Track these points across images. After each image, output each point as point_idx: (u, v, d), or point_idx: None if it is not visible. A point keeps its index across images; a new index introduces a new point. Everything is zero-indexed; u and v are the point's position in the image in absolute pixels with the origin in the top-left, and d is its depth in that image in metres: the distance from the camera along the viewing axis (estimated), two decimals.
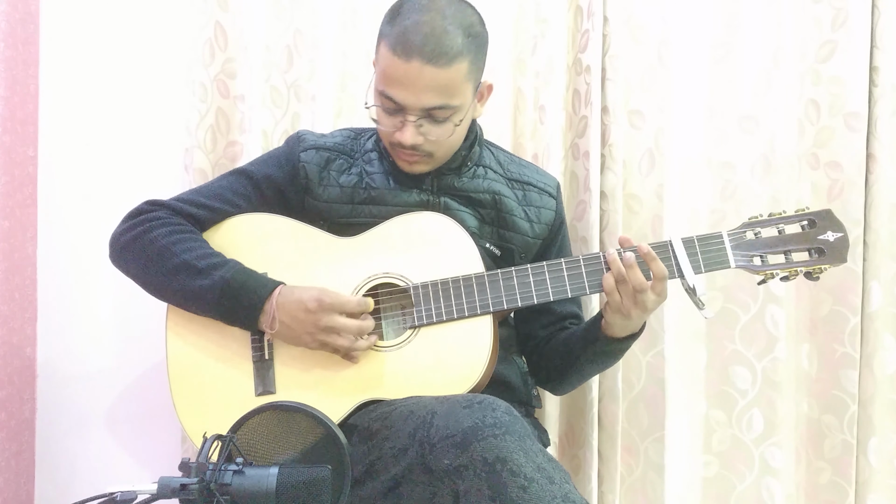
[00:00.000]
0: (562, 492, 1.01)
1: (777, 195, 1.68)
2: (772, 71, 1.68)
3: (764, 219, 1.27)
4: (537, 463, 1.02)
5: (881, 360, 1.65)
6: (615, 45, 1.65)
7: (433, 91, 1.22)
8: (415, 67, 1.19)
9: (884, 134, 1.64)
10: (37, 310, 1.72)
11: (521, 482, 0.99)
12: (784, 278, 1.25)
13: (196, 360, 1.29)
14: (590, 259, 1.26)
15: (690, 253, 1.25)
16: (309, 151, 1.35)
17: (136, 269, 1.30)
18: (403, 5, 1.23)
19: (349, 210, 1.33)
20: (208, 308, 1.25)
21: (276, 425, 0.95)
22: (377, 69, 1.26)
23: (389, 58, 1.21)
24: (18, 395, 1.67)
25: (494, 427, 1.02)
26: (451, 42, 1.20)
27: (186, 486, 0.85)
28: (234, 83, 1.63)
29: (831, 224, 1.26)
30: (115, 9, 1.72)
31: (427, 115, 1.24)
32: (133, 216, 1.32)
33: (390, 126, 1.27)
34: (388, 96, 1.23)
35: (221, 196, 1.34)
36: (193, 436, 1.27)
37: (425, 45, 1.18)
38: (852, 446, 1.67)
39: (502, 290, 1.26)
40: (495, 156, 1.43)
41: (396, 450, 1.08)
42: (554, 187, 1.45)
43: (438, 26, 1.19)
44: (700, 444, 1.73)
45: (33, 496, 1.72)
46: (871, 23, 1.65)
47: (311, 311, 1.21)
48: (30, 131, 1.70)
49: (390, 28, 1.22)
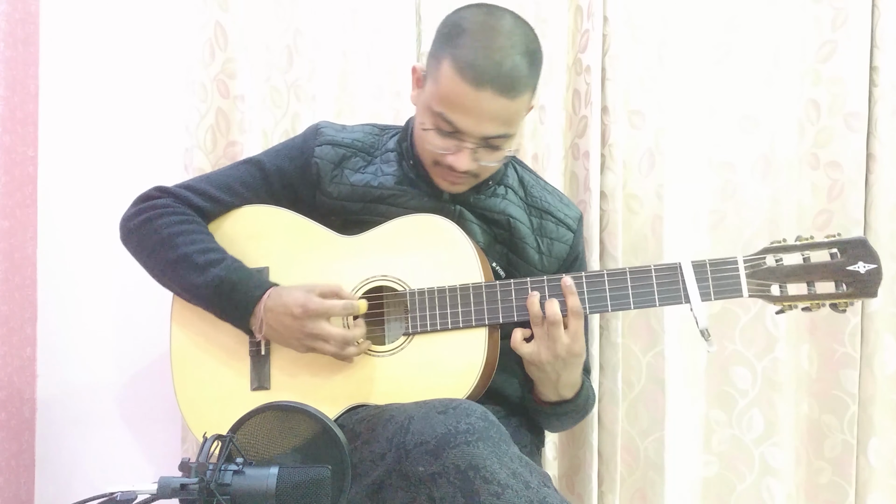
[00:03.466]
0: (538, 496, 1.00)
1: (777, 195, 1.68)
2: (772, 71, 1.68)
3: (789, 244, 1.18)
4: (512, 469, 1.01)
5: (881, 360, 1.65)
6: (615, 45, 1.65)
7: (497, 121, 1.18)
8: (486, 97, 1.15)
9: (884, 134, 1.64)
10: (37, 310, 1.72)
11: (495, 489, 0.98)
12: (806, 309, 1.17)
13: (196, 351, 1.30)
14: (592, 277, 1.22)
15: (700, 278, 1.18)
16: (324, 147, 1.33)
17: (141, 254, 1.32)
18: (465, 22, 1.18)
19: (360, 208, 1.32)
20: (204, 304, 1.26)
21: (275, 425, 0.95)
22: (435, 88, 1.18)
23: (457, 83, 1.15)
24: (18, 395, 1.67)
25: (467, 434, 1.01)
26: (521, 73, 1.16)
27: (186, 486, 0.85)
28: (234, 83, 1.62)
29: (864, 254, 1.14)
30: (114, 9, 1.72)
31: (485, 143, 1.20)
32: (142, 201, 1.33)
33: (442, 148, 1.21)
34: (448, 120, 1.18)
35: (230, 187, 1.34)
36: (193, 426, 1.28)
37: (498, 75, 1.14)
38: (852, 446, 1.67)
39: (499, 302, 1.22)
40: (520, 175, 1.39)
41: (376, 454, 1.08)
42: (574, 220, 1.39)
43: (509, 55, 1.15)
44: (700, 444, 1.73)
45: (33, 496, 1.72)
46: (871, 23, 1.64)
47: (297, 318, 1.19)
48: (30, 131, 1.70)
49: (453, 48, 1.16)
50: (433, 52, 1.22)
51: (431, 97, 1.20)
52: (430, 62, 1.22)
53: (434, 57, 1.21)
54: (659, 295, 1.20)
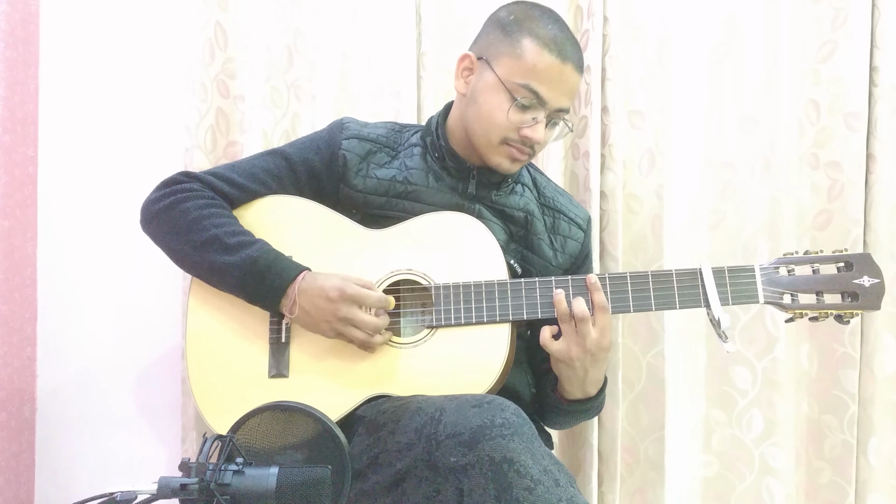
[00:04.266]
0: (567, 495, 1.01)
1: (777, 195, 1.68)
2: (772, 71, 1.68)
3: (800, 256, 1.25)
4: (544, 465, 1.02)
5: (881, 360, 1.65)
6: (615, 45, 1.65)
7: (571, 94, 1.29)
8: (568, 70, 1.26)
9: (884, 134, 1.64)
10: (37, 310, 1.72)
11: (527, 483, 0.99)
12: (813, 318, 1.23)
13: (214, 335, 1.30)
14: (616, 278, 1.25)
15: (720, 283, 1.23)
16: (351, 140, 1.35)
17: (165, 238, 1.31)
18: (532, 11, 1.29)
19: (383, 202, 1.33)
20: (232, 285, 1.26)
21: (275, 425, 0.95)
22: (517, 63, 1.26)
23: (543, 55, 1.24)
24: (18, 395, 1.67)
25: (503, 427, 1.02)
26: (581, 54, 1.30)
27: (186, 486, 0.85)
28: (234, 83, 1.63)
29: (869, 269, 1.23)
30: (115, 9, 1.72)
31: (557, 115, 1.29)
32: (168, 185, 1.33)
33: (521, 122, 1.27)
34: (532, 90, 1.25)
35: (255, 176, 1.34)
36: (204, 410, 1.28)
37: (576, 52, 1.28)
38: (852, 446, 1.67)
39: (524, 299, 1.25)
40: (533, 176, 1.44)
41: (402, 444, 1.08)
42: (585, 220, 1.45)
43: (573, 38, 1.29)
44: (700, 444, 1.73)
45: (33, 496, 1.72)
46: (871, 23, 1.65)
47: (332, 300, 1.21)
48: (30, 131, 1.70)
49: (531, 28, 1.26)
50: (501, 36, 1.28)
51: (512, 72, 1.26)
52: (497, 47, 1.28)
53: (505, 38, 1.27)
54: (679, 298, 1.24)
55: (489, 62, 1.28)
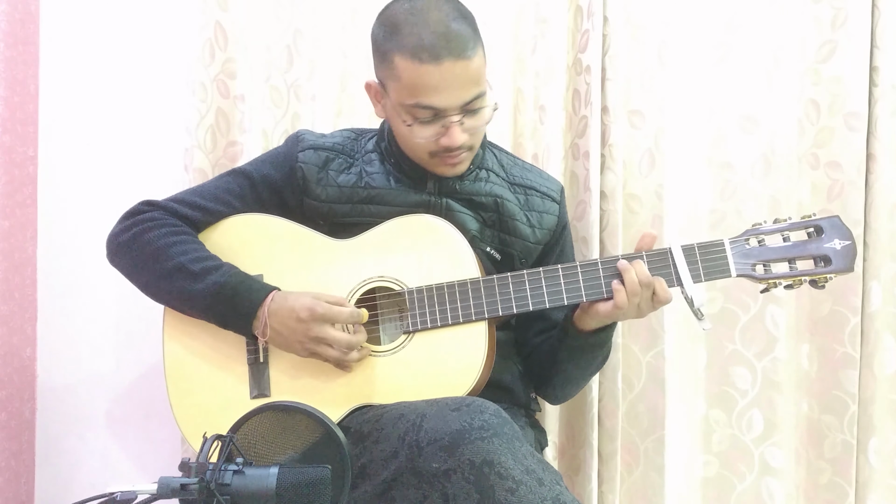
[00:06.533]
0: (552, 493, 1.01)
1: (777, 195, 1.68)
2: (772, 71, 1.68)
3: (768, 226, 1.24)
4: (526, 465, 1.02)
5: (881, 360, 1.65)
6: (615, 45, 1.65)
7: (467, 84, 1.21)
8: (447, 67, 1.18)
9: (884, 134, 1.64)
10: (37, 310, 1.72)
11: (509, 485, 0.99)
12: (788, 286, 1.23)
13: (192, 362, 1.29)
14: (587, 266, 1.25)
15: (690, 261, 1.23)
16: (307, 152, 1.35)
17: (131, 270, 1.31)
18: (394, 17, 1.22)
19: (349, 210, 1.33)
20: (202, 312, 1.25)
21: (275, 425, 0.95)
22: (399, 85, 1.22)
23: (416, 68, 1.18)
24: (18, 395, 1.67)
25: (482, 430, 1.02)
26: (465, 32, 1.20)
27: (186, 486, 0.85)
28: (234, 83, 1.62)
29: (839, 231, 1.22)
30: (114, 9, 1.72)
31: (465, 110, 1.23)
32: (130, 216, 1.32)
33: (432, 135, 1.24)
34: (424, 106, 1.21)
35: (217, 197, 1.34)
36: (190, 438, 1.27)
37: (448, 42, 1.18)
38: (852, 446, 1.67)
39: (497, 295, 1.24)
40: (498, 158, 1.42)
41: (386, 453, 1.08)
42: (557, 191, 1.43)
43: (446, 21, 1.19)
44: (700, 444, 1.73)
45: (33, 496, 1.72)
46: (871, 23, 1.65)
47: (303, 321, 1.20)
48: (30, 131, 1.70)
49: (397, 43, 1.20)
50: (380, 60, 1.25)
51: (399, 95, 1.22)
52: (380, 71, 1.26)
53: (383, 62, 1.24)
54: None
55: (384, 87, 1.26)
